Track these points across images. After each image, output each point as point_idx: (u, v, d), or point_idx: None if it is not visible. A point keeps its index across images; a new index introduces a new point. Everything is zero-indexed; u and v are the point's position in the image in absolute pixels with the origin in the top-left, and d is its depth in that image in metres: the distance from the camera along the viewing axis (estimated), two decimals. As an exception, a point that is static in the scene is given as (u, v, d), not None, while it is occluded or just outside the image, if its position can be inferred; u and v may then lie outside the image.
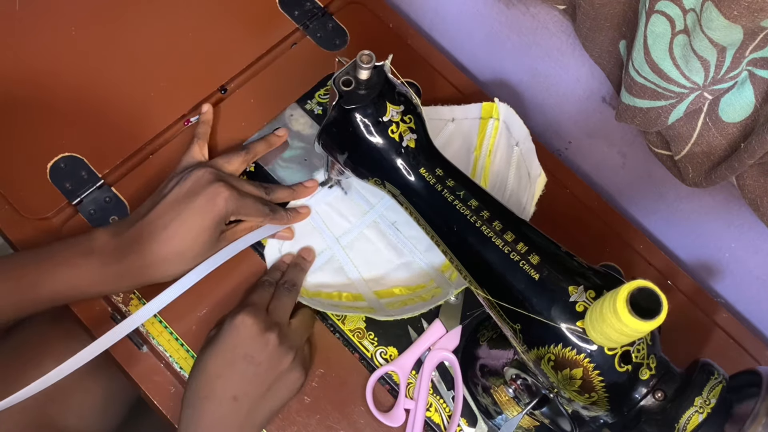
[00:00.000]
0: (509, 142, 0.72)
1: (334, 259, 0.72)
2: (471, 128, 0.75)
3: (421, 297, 0.70)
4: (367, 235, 0.73)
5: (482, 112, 0.74)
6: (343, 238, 0.73)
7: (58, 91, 0.74)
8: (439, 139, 0.75)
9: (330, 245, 0.72)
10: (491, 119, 0.73)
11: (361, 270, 0.72)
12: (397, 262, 0.72)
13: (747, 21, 0.46)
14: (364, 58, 0.53)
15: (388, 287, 0.71)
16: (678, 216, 0.78)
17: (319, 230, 0.73)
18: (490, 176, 0.74)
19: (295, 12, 0.82)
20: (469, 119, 0.74)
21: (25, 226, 0.69)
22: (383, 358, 0.69)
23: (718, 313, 0.76)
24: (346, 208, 0.74)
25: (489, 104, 0.73)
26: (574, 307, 0.49)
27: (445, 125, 0.76)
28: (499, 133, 0.73)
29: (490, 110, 0.73)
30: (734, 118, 0.55)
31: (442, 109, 0.76)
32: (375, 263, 0.72)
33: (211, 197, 0.63)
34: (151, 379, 0.66)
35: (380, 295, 0.71)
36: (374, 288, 0.71)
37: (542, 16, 0.72)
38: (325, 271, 0.71)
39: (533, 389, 0.58)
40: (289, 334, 0.63)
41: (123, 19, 0.78)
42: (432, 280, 0.71)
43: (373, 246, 0.73)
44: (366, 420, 0.67)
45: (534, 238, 0.54)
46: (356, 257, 0.72)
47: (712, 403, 0.48)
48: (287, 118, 0.77)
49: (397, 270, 0.72)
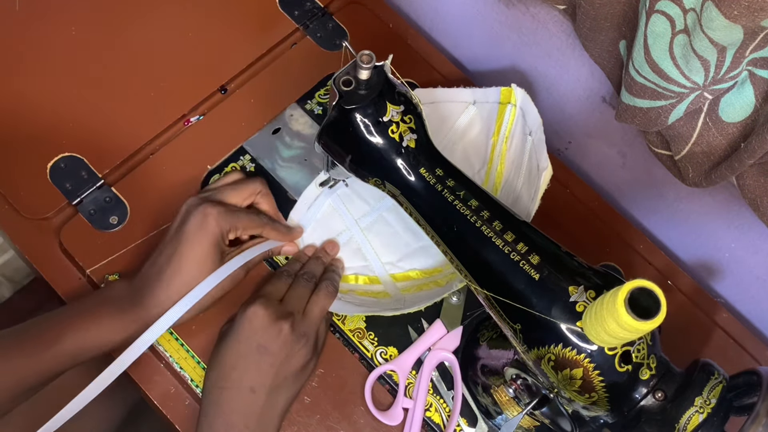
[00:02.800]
0: (524, 130, 0.72)
1: (353, 240, 0.73)
2: (491, 113, 0.74)
3: (436, 282, 0.70)
4: (386, 218, 0.74)
5: (501, 96, 0.73)
6: (362, 220, 0.73)
7: (58, 91, 0.74)
8: (460, 122, 0.75)
9: (349, 226, 0.73)
10: (509, 105, 0.72)
11: (379, 252, 0.72)
12: (414, 246, 0.73)
13: (747, 21, 0.46)
14: (364, 58, 0.53)
15: (405, 270, 0.72)
16: (678, 216, 0.78)
17: (339, 211, 0.73)
18: (506, 163, 0.73)
19: (295, 12, 0.82)
20: (489, 103, 0.74)
21: (25, 226, 0.69)
22: (383, 358, 0.69)
23: (718, 313, 0.76)
24: (366, 191, 0.74)
25: (507, 89, 0.72)
26: (574, 307, 0.49)
27: (465, 108, 0.75)
28: (516, 119, 0.72)
29: (508, 96, 0.72)
30: (734, 118, 0.55)
31: (463, 91, 0.75)
32: (393, 246, 0.73)
33: (201, 221, 0.63)
34: (151, 379, 0.66)
35: (396, 279, 0.72)
36: (391, 271, 0.72)
37: (542, 16, 0.72)
38: (343, 252, 0.72)
39: (533, 389, 0.58)
40: (302, 321, 0.63)
41: (123, 19, 0.78)
42: (448, 265, 0.71)
43: (392, 229, 0.73)
44: (366, 420, 0.67)
45: (534, 238, 0.54)
46: (374, 239, 0.73)
47: (712, 403, 0.48)
48: (287, 118, 0.77)
49: (414, 253, 0.72)
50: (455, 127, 0.75)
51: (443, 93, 0.75)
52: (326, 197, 0.74)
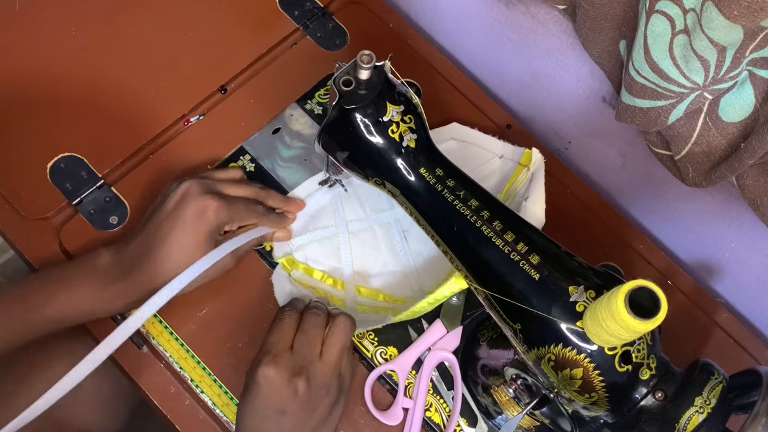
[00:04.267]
0: (523, 194, 0.71)
1: (335, 238, 0.72)
2: (510, 170, 0.74)
3: (393, 311, 0.70)
4: (376, 232, 0.73)
5: (522, 158, 0.73)
6: (352, 224, 0.73)
7: (58, 91, 0.74)
8: (481, 171, 0.75)
9: (338, 224, 0.73)
10: (525, 168, 0.72)
11: (355, 260, 0.72)
12: (391, 268, 0.72)
13: (747, 21, 0.46)
14: (364, 58, 0.53)
15: (372, 287, 0.72)
16: (678, 216, 0.78)
17: (334, 207, 0.73)
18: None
19: (295, 12, 0.82)
20: (513, 161, 0.74)
21: (25, 226, 0.69)
22: (383, 358, 0.69)
23: (718, 313, 0.76)
24: (367, 199, 0.74)
25: (528, 152, 0.71)
26: (574, 307, 0.49)
27: (491, 158, 0.76)
28: (524, 183, 0.72)
29: (528, 159, 0.72)
30: (734, 118, 0.55)
31: (496, 143, 0.75)
32: (371, 259, 0.72)
33: (200, 212, 0.62)
34: (151, 379, 0.66)
35: (360, 293, 0.71)
36: (358, 282, 0.72)
37: (542, 16, 0.72)
38: (321, 246, 0.72)
39: (533, 389, 0.58)
40: (319, 371, 0.58)
41: (123, 18, 0.78)
42: (413, 299, 0.70)
43: (376, 243, 0.73)
44: (366, 420, 0.67)
45: (534, 238, 0.54)
46: (356, 246, 0.73)
47: (712, 403, 0.48)
48: (287, 118, 0.77)
49: (388, 275, 0.72)
50: (476, 172, 0.75)
51: (477, 136, 0.76)
52: (326, 194, 0.74)
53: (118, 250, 0.63)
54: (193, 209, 0.62)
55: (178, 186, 0.64)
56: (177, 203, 0.63)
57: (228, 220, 0.64)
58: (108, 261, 0.63)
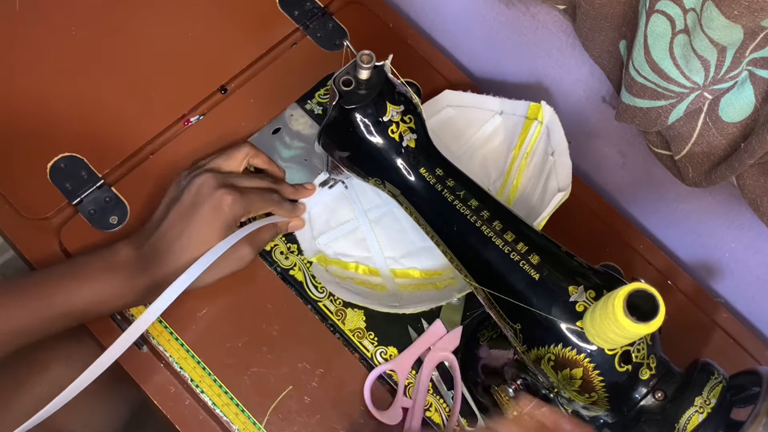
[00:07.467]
0: (546, 149, 0.71)
1: (359, 230, 0.73)
2: (516, 125, 0.74)
3: (434, 284, 0.71)
4: (396, 214, 0.74)
5: (528, 111, 0.73)
6: (371, 212, 0.74)
7: (58, 91, 0.74)
8: (484, 130, 0.76)
9: (357, 216, 0.73)
10: (535, 121, 0.72)
11: (383, 246, 0.73)
12: (419, 245, 0.73)
13: (747, 20, 0.46)
14: (364, 58, 0.53)
15: (406, 267, 0.72)
16: (678, 216, 0.78)
17: (350, 200, 0.74)
18: (523, 179, 0.73)
19: (295, 12, 0.82)
20: (516, 116, 0.74)
21: (25, 226, 0.69)
22: (383, 357, 0.69)
23: (718, 313, 0.76)
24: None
25: (536, 105, 0.72)
26: (574, 307, 0.49)
27: (491, 116, 0.76)
28: (540, 137, 0.72)
29: (536, 111, 0.72)
30: (734, 118, 0.55)
31: (492, 99, 0.75)
32: (398, 242, 0.73)
33: (216, 206, 0.64)
34: (151, 379, 0.66)
35: (396, 274, 0.72)
36: (392, 266, 0.72)
37: (542, 16, 0.72)
38: (347, 240, 0.73)
39: (533, 389, 0.58)
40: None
41: (123, 19, 0.78)
42: (449, 269, 0.72)
43: (400, 225, 0.74)
44: (366, 420, 0.67)
45: (534, 238, 0.54)
46: (380, 233, 0.73)
47: (712, 403, 0.48)
48: (287, 118, 0.77)
49: (417, 252, 0.73)
50: (478, 133, 0.76)
51: (472, 98, 0.76)
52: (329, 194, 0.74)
53: (138, 245, 0.64)
54: (209, 204, 0.63)
55: (193, 180, 0.65)
56: (193, 198, 0.64)
57: (243, 212, 0.65)
58: (128, 256, 0.63)
